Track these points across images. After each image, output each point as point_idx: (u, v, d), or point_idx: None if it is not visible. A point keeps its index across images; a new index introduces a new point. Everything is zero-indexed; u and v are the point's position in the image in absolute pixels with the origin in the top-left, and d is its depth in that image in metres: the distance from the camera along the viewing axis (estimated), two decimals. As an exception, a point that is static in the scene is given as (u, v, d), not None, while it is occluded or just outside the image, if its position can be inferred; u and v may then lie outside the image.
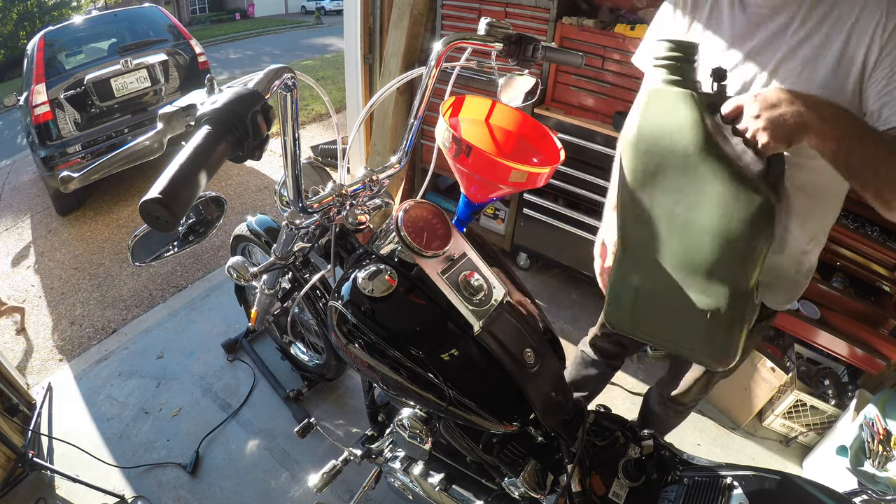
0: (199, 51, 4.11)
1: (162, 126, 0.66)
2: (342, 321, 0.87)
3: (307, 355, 1.99)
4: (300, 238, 1.05)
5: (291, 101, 0.75)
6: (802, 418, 1.80)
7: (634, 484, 0.89)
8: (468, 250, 0.92)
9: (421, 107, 0.96)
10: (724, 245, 0.77)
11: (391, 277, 0.86)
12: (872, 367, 1.75)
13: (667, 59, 0.77)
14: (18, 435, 1.74)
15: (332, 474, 1.27)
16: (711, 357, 0.88)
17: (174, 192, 0.48)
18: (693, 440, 1.88)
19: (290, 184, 0.84)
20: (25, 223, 3.73)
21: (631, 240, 0.89)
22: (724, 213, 0.75)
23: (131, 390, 2.03)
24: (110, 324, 2.52)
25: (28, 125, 3.46)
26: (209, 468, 1.74)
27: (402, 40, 2.51)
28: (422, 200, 0.93)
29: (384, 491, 1.55)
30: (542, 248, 2.49)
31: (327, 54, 10.76)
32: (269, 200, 3.74)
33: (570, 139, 2.12)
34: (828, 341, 1.78)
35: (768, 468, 0.82)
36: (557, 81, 2.20)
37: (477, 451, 0.97)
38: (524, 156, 1.05)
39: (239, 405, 1.94)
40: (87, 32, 4.02)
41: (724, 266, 0.79)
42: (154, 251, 1.12)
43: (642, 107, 0.79)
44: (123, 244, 3.24)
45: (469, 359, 0.86)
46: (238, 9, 20.04)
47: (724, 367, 0.88)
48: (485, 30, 0.98)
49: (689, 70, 0.76)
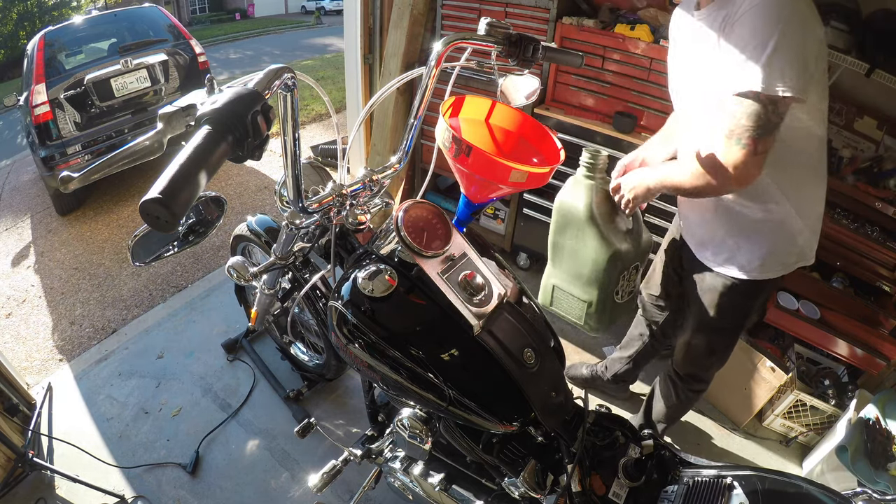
0: (199, 51, 4.11)
1: (162, 126, 0.66)
2: (342, 321, 0.87)
3: (307, 355, 1.99)
4: (300, 238, 1.05)
5: (291, 101, 0.75)
6: (802, 418, 1.80)
7: (634, 484, 0.89)
8: (468, 250, 0.92)
9: (421, 107, 0.95)
10: (594, 269, 1.43)
11: (391, 277, 0.86)
12: (872, 367, 1.75)
13: (586, 161, 1.41)
14: (18, 435, 1.74)
15: (332, 474, 1.26)
16: (589, 327, 1.56)
17: (174, 192, 0.48)
18: (693, 440, 1.88)
19: (290, 184, 0.84)
20: (25, 223, 3.73)
21: (553, 260, 1.58)
22: (595, 254, 1.41)
23: (131, 390, 2.03)
24: (110, 324, 2.52)
25: (28, 125, 3.45)
26: (209, 468, 1.74)
27: (402, 40, 2.51)
28: (422, 200, 0.93)
29: (384, 491, 1.55)
30: (542, 248, 2.46)
31: (327, 54, 10.76)
32: (269, 200, 3.74)
33: (570, 139, 2.12)
34: (828, 341, 1.78)
35: (768, 468, 0.82)
36: (557, 81, 2.20)
37: (477, 451, 0.97)
38: (524, 156, 1.05)
39: (239, 405, 1.94)
40: (87, 32, 4.01)
41: (595, 280, 1.45)
42: (154, 251, 1.12)
43: (565, 188, 1.45)
44: (123, 244, 3.24)
45: (469, 359, 0.86)
46: (238, 9, 20.04)
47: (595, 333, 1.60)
48: (485, 30, 0.98)
49: (596, 168, 1.40)
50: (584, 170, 1.41)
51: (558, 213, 1.46)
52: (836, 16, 1.64)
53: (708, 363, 1.45)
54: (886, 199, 1.72)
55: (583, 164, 1.42)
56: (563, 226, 1.46)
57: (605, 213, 1.39)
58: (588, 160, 1.40)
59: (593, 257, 1.41)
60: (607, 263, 1.39)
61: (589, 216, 1.38)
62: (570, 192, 1.42)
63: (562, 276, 1.54)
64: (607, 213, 1.39)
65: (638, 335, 1.77)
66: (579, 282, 1.49)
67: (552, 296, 1.60)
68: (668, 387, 1.57)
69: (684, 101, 1.20)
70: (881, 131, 1.84)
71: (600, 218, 1.38)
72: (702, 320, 1.33)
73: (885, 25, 1.62)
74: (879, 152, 1.85)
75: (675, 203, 1.91)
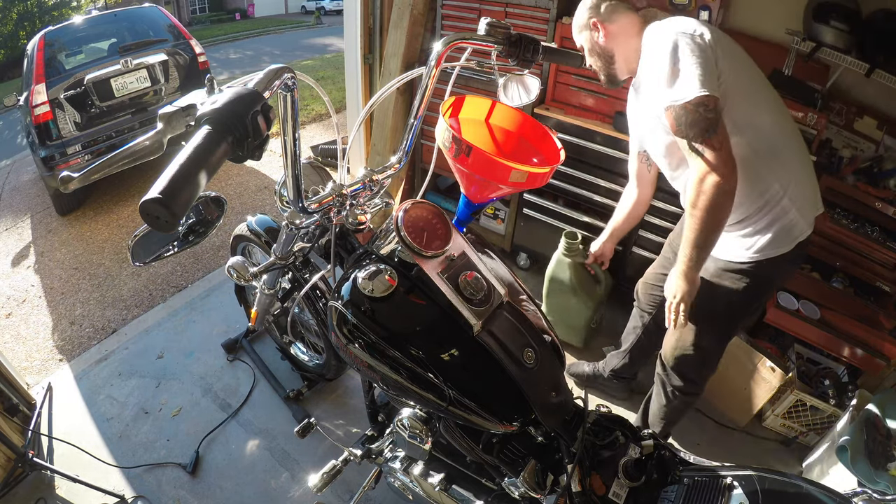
0: (199, 51, 4.11)
1: (162, 126, 0.66)
2: (342, 321, 0.87)
3: (307, 355, 1.99)
4: (300, 238, 1.05)
5: (291, 101, 0.75)
6: (802, 418, 1.80)
7: (634, 484, 0.89)
8: (468, 250, 0.92)
9: (421, 107, 0.95)
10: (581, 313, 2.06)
11: (391, 277, 0.86)
12: (872, 367, 1.75)
13: (564, 245, 1.95)
14: (18, 435, 1.74)
15: (332, 474, 1.26)
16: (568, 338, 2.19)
17: (174, 192, 0.48)
18: (693, 440, 1.87)
19: (290, 184, 0.84)
20: (25, 223, 3.73)
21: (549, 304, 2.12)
22: (575, 304, 2.02)
23: (131, 390, 2.03)
24: (110, 324, 2.52)
25: (28, 125, 3.45)
26: (209, 468, 1.74)
27: (402, 40, 2.51)
28: (422, 200, 0.93)
29: (384, 491, 1.55)
30: (542, 248, 2.49)
31: (327, 54, 10.75)
32: (269, 200, 3.74)
33: (570, 139, 2.12)
34: (828, 341, 1.78)
35: (768, 468, 0.82)
36: (557, 81, 2.20)
37: (477, 451, 0.97)
38: (524, 156, 1.05)
39: (239, 405, 1.94)
40: (87, 32, 4.01)
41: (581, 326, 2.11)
42: (154, 251, 1.12)
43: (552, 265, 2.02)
44: (123, 244, 3.24)
45: (469, 359, 0.86)
46: (238, 9, 20.03)
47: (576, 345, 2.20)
48: (485, 30, 0.98)
49: (574, 250, 1.93)
50: (563, 250, 1.95)
51: (550, 281, 2.04)
52: (836, 16, 1.64)
53: (695, 358, 1.43)
54: (886, 199, 1.72)
55: (561, 248, 1.95)
56: (555, 290, 2.05)
57: (582, 282, 1.98)
58: (567, 244, 1.93)
59: (578, 306, 2.03)
60: (591, 313, 2.04)
61: (571, 288, 1.99)
62: (557, 267, 2.00)
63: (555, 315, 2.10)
64: (584, 282, 1.98)
65: (633, 328, 1.80)
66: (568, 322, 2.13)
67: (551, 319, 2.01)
68: (659, 386, 1.58)
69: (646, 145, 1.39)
70: (881, 131, 1.84)
71: (579, 286, 1.98)
72: None
73: (885, 25, 1.62)
74: (879, 152, 1.85)
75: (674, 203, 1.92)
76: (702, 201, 1.06)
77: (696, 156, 1.05)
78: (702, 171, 1.04)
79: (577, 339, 2.19)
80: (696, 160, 1.05)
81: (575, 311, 2.05)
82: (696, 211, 1.07)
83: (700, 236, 1.10)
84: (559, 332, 1.94)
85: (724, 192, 1.05)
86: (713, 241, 1.12)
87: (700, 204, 1.06)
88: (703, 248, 1.12)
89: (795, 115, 1.68)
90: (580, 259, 1.93)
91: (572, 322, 2.11)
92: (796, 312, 1.81)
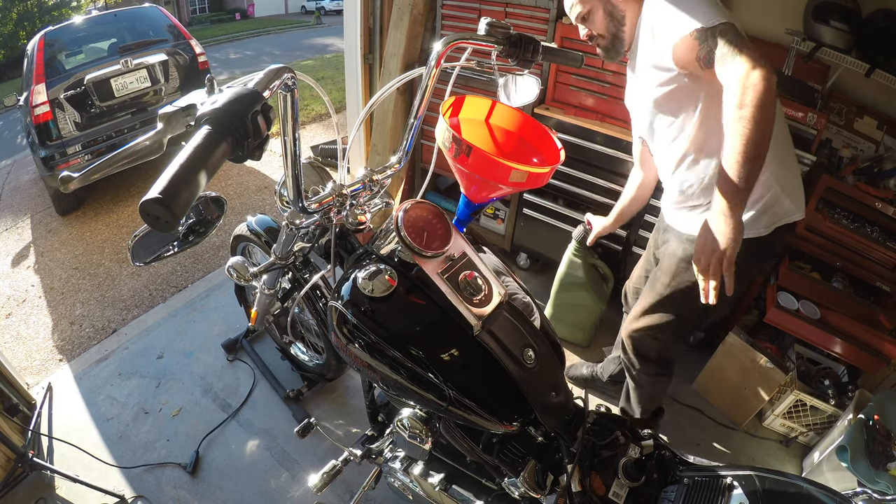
0: (199, 51, 4.11)
1: (162, 126, 0.66)
2: (342, 321, 0.87)
3: (307, 355, 1.99)
4: (300, 238, 1.05)
5: (291, 101, 0.75)
6: (802, 418, 1.80)
7: (634, 484, 0.89)
8: (468, 250, 0.92)
9: (421, 107, 0.95)
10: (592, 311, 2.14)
11: (391, 277, 0.86)
12: (872, 367, 1.75)
13: (575, 242, 1.99)
14: (18, 435, 1.74)
15: (332, 474, 1.26)
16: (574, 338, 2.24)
17: (174, 192, 0.48)
18: (693, 440, 1.87)
19: (290, 184, 0.84)
20: (25, 223, 3.73)
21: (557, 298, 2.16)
22: (588, 301, 2.10)
23: (131, 390, 2.03)
24: (110, 324, 2.52)
25: (28, 125, 3.45)
26: (209, 468, 1.74)
27: (402, 40, 2.51)
28: (422, 200, 0.93)
29: (384, 491, 1.55)
30: (542, 248, 2.49)
31: (327, 54, 10.75)
32: (269, 200, 3.74)
33: (570, 139, 2.12)
34: (828, 341, 1.78)
35: (768, 468, 0.82)
36: (557, 81, 2.20)
37: (477, 451, 0.97)
38: (524, 156, 1.05)
39: (239, 405, 1.94)
40: (86, 32, 4.01)
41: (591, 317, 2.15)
42: (154, 251, 1.12)
43: (564, 263, 2.07)
44: (123, 244, 3.24)
45: (469, 359, 0.86)
46: (238, 9, 20.03)
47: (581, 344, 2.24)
48: (485, 30, 0.98)
49: (584, 244, 1.88)
50: (575, 245, 2.01)
51: (561, 280, 2.10)
52: (836, 16, 1.64)
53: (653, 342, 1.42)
54: (886, 199, 1.72)
55: (572, 246, 2.02)
56: (567, 283, 2.10)
57: (592, 280, 2.06)
58: (577, 239, 1.96)
59: (587, 300, 2.10)
60: (593, 303, 2.11)
61: (583, 286, 2.06)
62: (569, 264, 2.06)
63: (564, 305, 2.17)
64: (593, 279, 2.07)
65: None
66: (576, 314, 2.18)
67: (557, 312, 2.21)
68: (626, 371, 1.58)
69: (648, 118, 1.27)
70: (881, 131, 1.84)
71: (590, 284, 2.06)
72: (656, 277, 1.37)
73: (885, 25, 1.62)
74: (879, 152, 1.85)
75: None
76: (750, 97, 0.89)
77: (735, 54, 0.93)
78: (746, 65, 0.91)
79: (583, 338, 2.21)
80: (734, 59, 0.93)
81: (586, 310, 2.12)
82: (745, 110, 0.89)
83: (750, 145, 0.88)
84: (566, 332, 2.24)
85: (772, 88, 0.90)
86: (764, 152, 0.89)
87: (748, 101, 0.89)
88: (754, 163, 0.88)
89: (795, 115, 1.68)
90: (590, 259, 2.03)
91: (581, 320, 2.16)
92: (796, 312, 1.81)
